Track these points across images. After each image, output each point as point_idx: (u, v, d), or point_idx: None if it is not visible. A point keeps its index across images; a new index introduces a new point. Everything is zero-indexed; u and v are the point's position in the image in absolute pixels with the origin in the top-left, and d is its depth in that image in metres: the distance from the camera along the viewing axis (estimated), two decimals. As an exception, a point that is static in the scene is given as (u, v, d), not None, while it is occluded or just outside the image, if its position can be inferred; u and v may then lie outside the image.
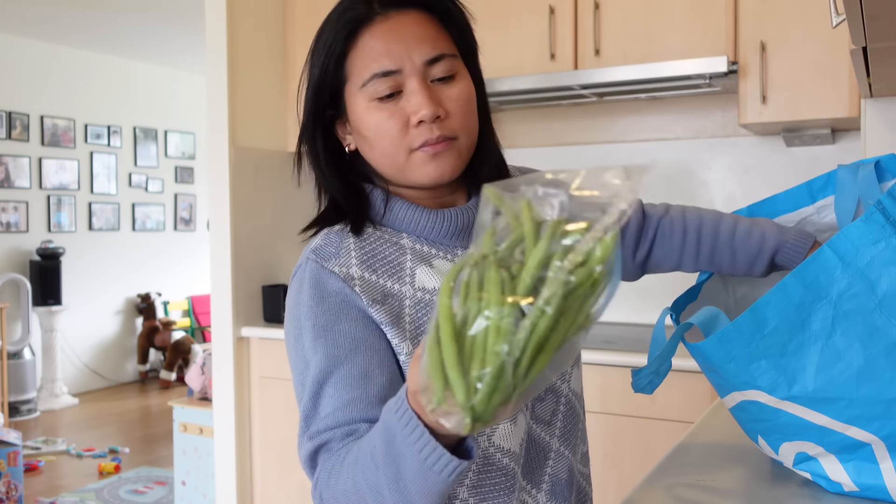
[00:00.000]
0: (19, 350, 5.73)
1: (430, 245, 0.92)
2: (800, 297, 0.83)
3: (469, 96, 0.89)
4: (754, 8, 2.24)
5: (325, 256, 0.88)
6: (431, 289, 0.89)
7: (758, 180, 2.58)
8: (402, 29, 0.86)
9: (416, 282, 0.89)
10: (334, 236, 0.90)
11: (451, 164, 0.88)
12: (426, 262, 0.90)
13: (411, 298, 0.88)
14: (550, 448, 0.94)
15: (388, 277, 0.88)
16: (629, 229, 1.10)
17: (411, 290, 0.88)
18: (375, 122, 0.86)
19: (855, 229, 0.80)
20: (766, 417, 0.90)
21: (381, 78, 0.85)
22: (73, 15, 5.42)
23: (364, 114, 0.87)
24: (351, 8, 0.87)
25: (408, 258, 0.90)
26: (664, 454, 1.15)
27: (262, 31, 3.00)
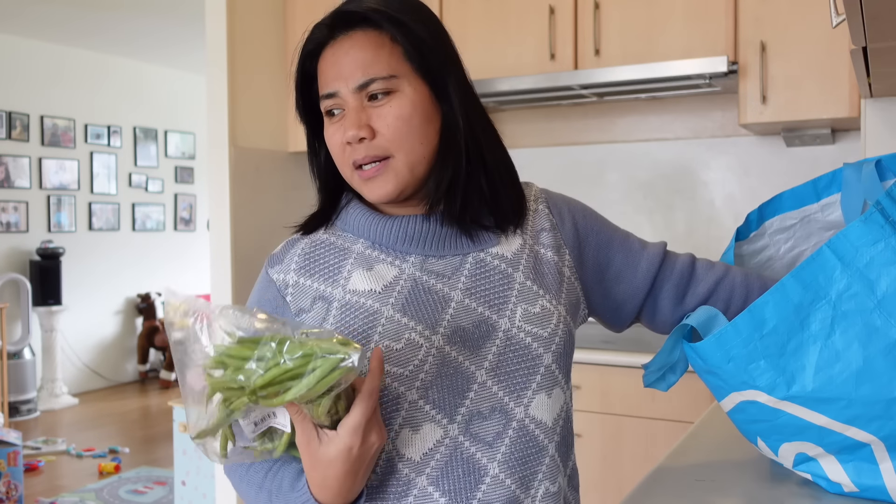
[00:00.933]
0: (19, 350, 5.73)
1: (381, 250, 0.95)
2: (799, 298, 0.83)
3: (401, 113, 0.90)
4: (754, 8, 2.24)
5: (272, 262, 0.98)
6: (362, 291, 0.92)
7: (758, 180, 2.58)
8: (340, 54, 0.92)
9: (348, 284, 0.93)
10: (289, 243, 1.00)
11: (387, 186, 0.91)
12: (367, 265, 0.94)
13: (339, 300, 0.92)
14: (486, 472, 0.88)
15: (322, 281, 0.94)
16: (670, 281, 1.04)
17: (342, 292, 0.92)
18: (327, 136, 0.95)
19: (854, 230, 0.80)
20: (765, 418, 0.90)
21: (325, 99, 0.93)
22: (73, 15, 5.42)
23: (326, 128, 0.95)
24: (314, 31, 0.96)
25: (349, 262, 0.95)
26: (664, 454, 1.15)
27: (262, 31, 3.00)
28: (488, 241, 0.96)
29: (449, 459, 0.88)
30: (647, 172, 2.78)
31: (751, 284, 1.05)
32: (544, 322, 0.94)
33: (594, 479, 2.25)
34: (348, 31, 0.92)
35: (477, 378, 0.89)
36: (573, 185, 2.87)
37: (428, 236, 0.94)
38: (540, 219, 1.01)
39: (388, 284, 0.92)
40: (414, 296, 0.91)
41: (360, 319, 0.89)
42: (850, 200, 1.05)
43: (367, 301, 0.90)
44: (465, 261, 0.95)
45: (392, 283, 0.92)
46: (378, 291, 0.91)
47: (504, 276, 0.95)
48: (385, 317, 0.89)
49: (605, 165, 2.84)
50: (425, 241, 0.94)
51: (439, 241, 0.95)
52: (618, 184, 2.82)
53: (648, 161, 2.77)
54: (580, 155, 2.88)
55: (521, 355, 0.92)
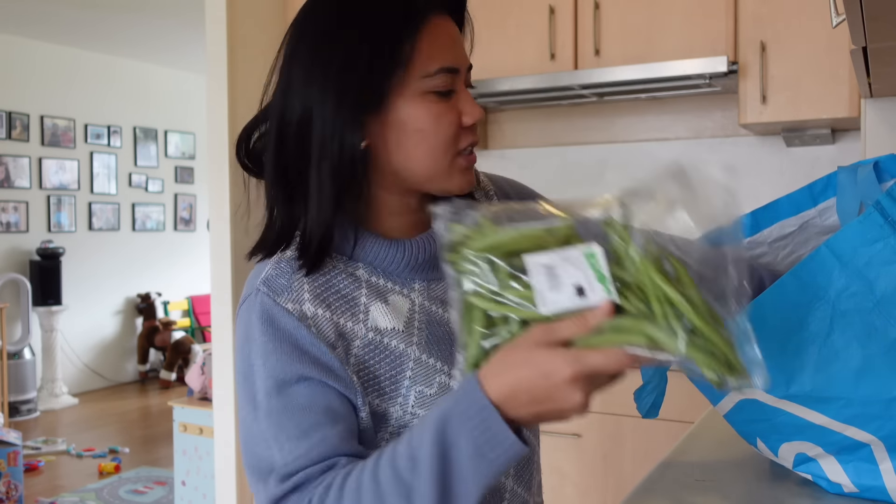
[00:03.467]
0: (19, 350, 5.73)
1: (387, 278, 0.85)
2: (797, 297, 0.83)
3: None
4: (754, 8, 2.24)
5: (276, 290, 0.80)
6: (384, 329, 0.81)
7: (758, 180, 2.58)
8: (455, 32, 0.83)
9: (369, 320, 0.81)
10: (285, 265, 0.82)
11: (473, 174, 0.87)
12: (381, 297, 0.83)
13: (362, 339, 0.81)
14: (505, 489, 0.89)
15: (342, 314, 0.80)
16: None
17: (363, 329, 0.81)
18: (434, 116, 0.80)
19: (852, 229, 0.80)
20: (764, 417, 0.90)
21: (447, 74, 0.80)
22: (73, 15, 5.42)
23: (419, 106, 0.80)
24: None
25: (363, 292, 0.83)
26: (664, 454, 1.15)
27: (262, 31, 3.00)
28: None
29: None
30: (647, 172, 2.77)
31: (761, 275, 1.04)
32: None
33: (594, 479, 2.25)
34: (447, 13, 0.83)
35: None
36: (573, 185, 2.87)
37: (432, 259, 0.86)
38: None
39: (408, 321, 0.83)
40: (432, 332, 0.84)
41: (386, 363, 0.81)
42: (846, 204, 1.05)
43: (392, 341, 0.81)
44: None
45: (409, 318, 0.83)
46: (401, 330, 0.82)
47: None
48: (413, 359, 0.82)
49: (605, 165, 2.84)
50: (430, 265, 0.86)
51: (437, 263, 0.83)
52: (618, 184, 2.82)
53: (648, 161, 2.77)
54: (580, 155, 2.88)
55: None
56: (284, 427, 0.75)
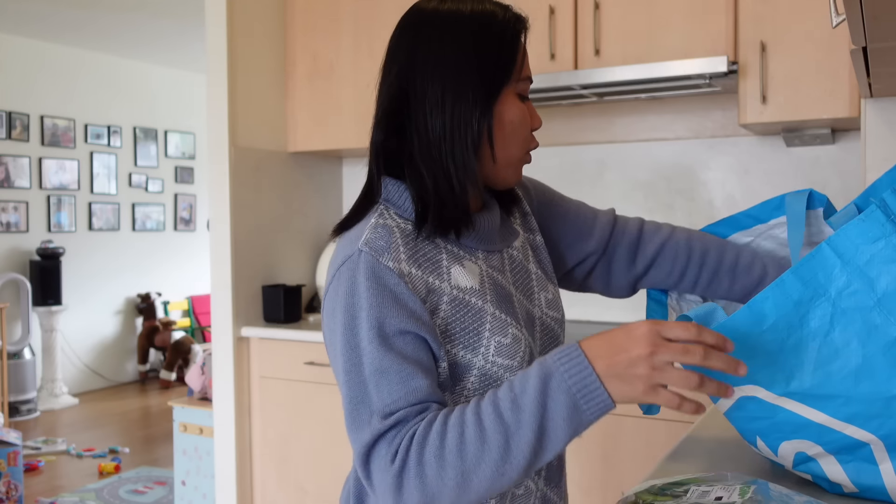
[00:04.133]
0: (19, 350, 5.73)
1: (459, 247, 0.97)
2: (798, 294, 0.83)
3: None
4: (754, 8, 2.25)
5: (378, 250, 0.90)
6: (465, 287, 0.94)
7: (758, 180, 2.58)
8: None
9: (452, 279, 0.93)
10: (382, 230, 0.92)
11: None
12: (458, 261, 0.96)
13: (448, 295, 0.92)
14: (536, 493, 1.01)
15: (430, 273, 0.92)
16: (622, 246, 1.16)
17: (448, 286, 0.93)
18: (520, 115, 0.96)
19: (854, 227, 0.80)
20: (764, 415, 0.90)
21: (528, 82, 0.98)
22: (73, 15, 5.42)
23: (513, 107, 0.96)
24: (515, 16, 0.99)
25: (444, 256, 0.95)
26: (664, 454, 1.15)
27: (262, 31, 3.00)
28: (513, 235, 1.06)
29: None
30: (647, 172, 2.78)
31: (693, 245, 1.15)
32: (558, 305, 1.08)
33: (594, 479, 2.25)
34: None
35: None
36: (573, 185, 2.87)
37: (490, 233, 1.00)
38: (522, 204, 1.12)
39: (481, 281, 0.96)
40: (497, 292, 0.97)
41: (469, 317, 0.93)
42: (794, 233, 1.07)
43: (472, 298, 0.93)
44: (503, 257, 1.03)
45: (482, 279, 0.96)
46: (477, 289, 0.94)
47: (523, 268, 1.05)
48: (489, 314, 0.94)
49: (604, 165, 2.84)
50: (488, 237, 1.00)
51: (493, 237, 1.01)
52: (618, 184, 2.82)
53: (648, 161, 2.78)
54: (580, 155, 2.88)
55: (551, 338, 1.05)
56: (386, 373, 0.85)
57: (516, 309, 0.99)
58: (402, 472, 0.81)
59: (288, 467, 2.86)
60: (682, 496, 0.84)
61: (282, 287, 2.92)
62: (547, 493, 1.04)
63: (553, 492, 1.05)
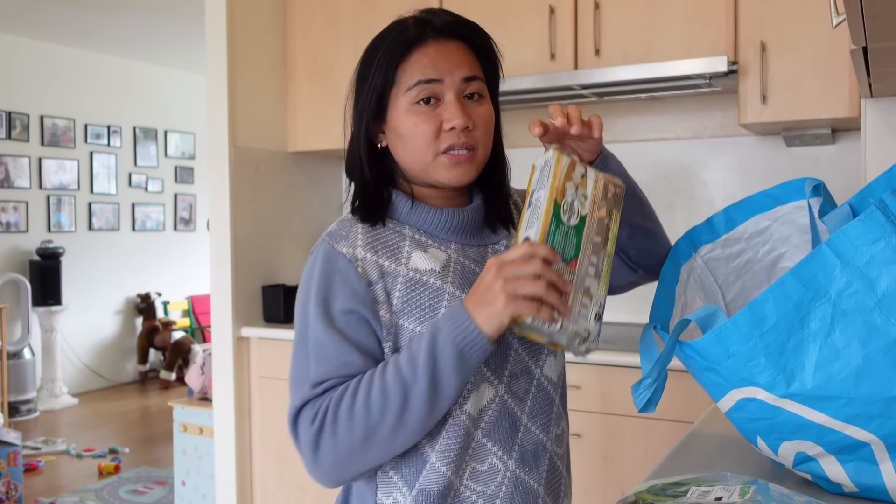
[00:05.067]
0: (19, 350, 5.73)
1: (427, 236, 1.08)
2: (798, 295, 0.83)
3: (491, 117, 1.08)
4: (754, 8, 2.24)
5: (336, 238, 1.04)
6: (423, 269, 1.03)
7: (758, 180, 2.58)
8: (447, 51, 1.04)
9: (410, 263, 1.04)
10: (346, 223, 1.07)
11: (470, 171, 1.05)
12: (422, 248, 1.06)
13: (404, 276, 1.03)
14: (520, 422, 1.06)
15: (387, 258, 1.03)
16: None
17: (405, 269, 1.03)
18: (414, 122, 1.03)
19: (854, 228, 0.80)
20: (765, 416, 0.90)
21: (424, 85, 1.02)
22: (73, 15, 5.42)
23: (404, 115, 1.03)
24: (410, 28, 1.05)
25: (406, 243, 1.06)
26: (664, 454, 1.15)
27: (262, 31, 3.00)
28: (500, 235, 1.13)
29: (500, 415, 1.04)
30: (647, 172, 2.78)
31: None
32: None
33: (594, 478, 2.25)
34: (449, 38, 1.05)
35: (512, 345, 1.07)
36: (573, 185, 2.87)
37: (466, 227, 1.09)
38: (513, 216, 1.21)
39: (444, 266, 1.05)
40: (465, 276, 1.05)
41: (425, 295, 1.02)
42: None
43: (430, 279, 1.03)
44: (487, 251, 1.11)
45: (446, 264, 1.05)
46: (438, 271, 1.04)
47: None
48: (448, 293, 1.02)
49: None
50: (464, 230, 1.09)
51: (473, 232, 1.10)
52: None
53: (648, 161, 2.77)
54: (580, 155, 2.88)
55: None
56: (324, 347, 0.98)
57: None
58: (319, 432, 0.95)
59: (288, 467, 2.86)
60: (682, 496, 0.84)
61: (282, 287, 2.92)
62: (521, 476, 1.05)
63: (530, 476, 1.05)
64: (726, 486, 0.85)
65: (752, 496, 0.81)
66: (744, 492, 0.82)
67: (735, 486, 0.84)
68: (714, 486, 0.86)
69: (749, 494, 0.81)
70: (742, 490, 0.82)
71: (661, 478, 0.94)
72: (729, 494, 0.82)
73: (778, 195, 1.15)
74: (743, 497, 0.81)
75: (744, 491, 0.82)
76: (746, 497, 0.81)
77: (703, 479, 0.89)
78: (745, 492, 0.82)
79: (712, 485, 0.86)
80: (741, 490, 0.83)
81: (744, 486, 0.84)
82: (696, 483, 0.88)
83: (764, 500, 0.80)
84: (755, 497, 0.81)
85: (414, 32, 1.04)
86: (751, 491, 0.82)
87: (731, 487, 0.84)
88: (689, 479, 0.90)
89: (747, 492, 0.82)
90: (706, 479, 0.88)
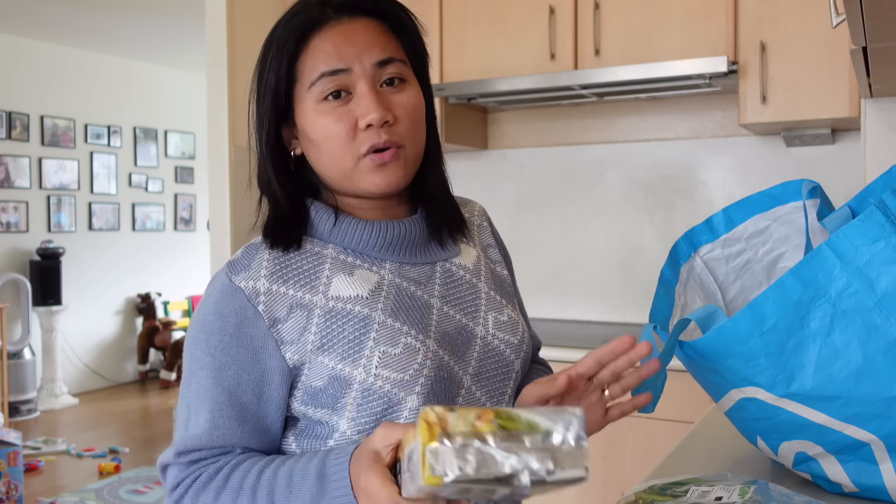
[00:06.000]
0: (19, 350, 5.73)
1: (356, 256, 0.91)
2: (798, 295, 0.83)
3: (418, 104, 0.90)
4: (754, 8, 2.25)
5: (236, 269, 0.87)
6: (346, 297, 0.87)
7: (758, 180, 2.58)
8: (353, 33, 0.87)
9: (330, 290, 0.87)
10: (252, 248, 0.90)
11: (398, 173, 0.88)
12: (346, 271, 0.89)
13: (322, 308, 0.86)
14: (461, 385, 0.90)
15: (300, 288, 0.87)
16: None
17: (323, 299, 0.86)
18: (323, 124, 0.86)
19: (854, 228, 0.80)
20: (765, 416, 0.90)
21: (329, 77, 0.85)
22: (74, 15, 5.42)
23: (312, 116, 0.87)
24: (303, 11, 0.88)
25: (326, 268, 0.89)
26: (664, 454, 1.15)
27: (263, 32, 2.98)
28: (451, 251, 0.97)
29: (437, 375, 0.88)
30: (647, 172, 2.78)
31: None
32: (513, 329, 0.97)
33: (594, 479, 2.25)
34: (353, 16, 0.88)
35: (464, 383, 0.91)
36: (573, 185, 2.87)
37: (405, 243, 0.92)
38: (485, 235, 1.06)
39: (374, 290, 0.88)
40: (400, 301, 0.89)
41: (349, 327, 0.85)
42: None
43: (356, 307, 0.86)
44: (434, 269, 0.95)
45: (376, 288, 0.88)
46: (365, 297, 0.87)
47: (471, 285, 0.97)
48: (378, 322, 0.86)
49: (604, 165, 2.84)
50: (402, 247, 0.92)
51: (414, 249, 0.93)
52: (618, 184, 2.82)
53: (648, 161, 2.77)
54: (580, 155, 2.88)
55: (497, 362, 0.95)
56: (203, 404, 0.84)
57: (428, 321, 0.90)
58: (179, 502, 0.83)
59: (288, 467, 2.86)
60: (682, 496, 0.84)
61: (282, 287, 2.92)
62: None
63: None
64: (726, 486, 0.84)
65: (752, 496, 0.81)
66: (744, 492, 0.82)
67: (735, 486, 0.84)
68: (714, 486, 0.86)
69: (749, 494, 0.81)
70: (742, 490, 0.82)
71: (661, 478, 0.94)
72: (729, 494, 0.82)
73: (777, 195, 1.16)
74: (743, 497, 0.81)
75: (744, 491, 0.82)
76: (746, 497, 0.81)
77: (703, 479, 0.89)
78: (745, 492, 0.82)
79: (712, 485, 0.86)
80: (741, 490, 0.82)
81: (744, 486, 0.84)
82: (696, 483, 0.88)
83: (764, 500, 0.80)
84: (755, 497, 0.80)
85: (309, 15, 0.87)
86: (751, 491, 0.82)
87: (731, 487, 0.84)
88: (689, 479, 0.89)
89: (747, 492, 0.82)
90: (706, 479, 0.88)
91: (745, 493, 0.82)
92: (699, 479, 0.89)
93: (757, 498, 0.80)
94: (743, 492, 0.82)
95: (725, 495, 0.82)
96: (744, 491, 0.82)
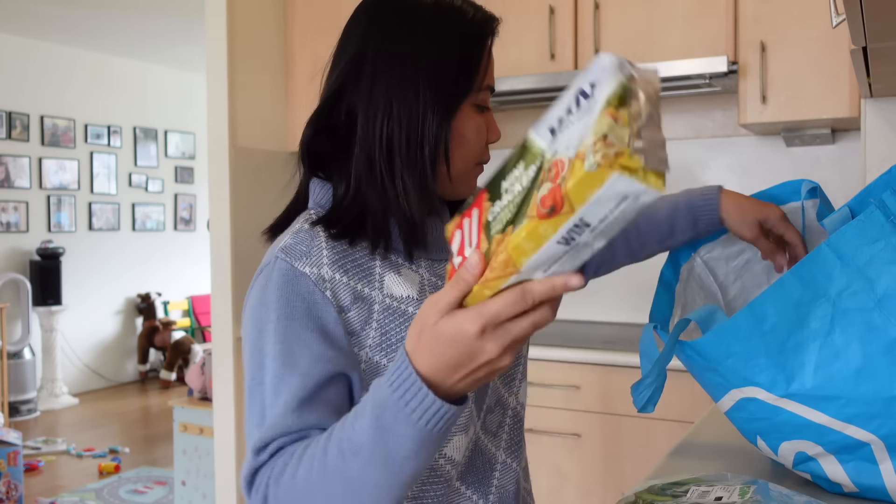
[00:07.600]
0: (19, 350, 5.73)
1: (398, 255, 0.89)
2: (798, 295, 0.83)
3: None
4: (754, 8, 2.25)
5: (295, 256, 0.83)
6: (399, 297, 0.86)
7: (758, 180, 2.58)
8: None
9: (384, 287, 0.86)
10: (304, 235, 0.85)
11: None
12: (394, 269, 0.87)
13: (380, 304, 0.85)
14: (497, 459, 0.95)
15: (359, 280, 0.84)
16: None
17: (381, 295, 0.85)
18: (476, 126, 0.88)
19: (854, 228, 0.80)
20: (765, 416, 0.90)
21: (488, 92, 0.90)
22: (74, 15, 5.42)
23: (469, 120, 0.88)
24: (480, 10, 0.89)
25: (377, 263, 0.87)
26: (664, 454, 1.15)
27: (262, 31, 3.00)
28: None
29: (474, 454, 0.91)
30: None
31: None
32: None
33: (594, 479, 2.25)
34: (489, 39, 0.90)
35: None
36: (573, 185, 2.87)
37: (437, 240, 0.91)
38: None
39: (420, 291, 0.88)
40: None
41: (404, 327, 0.85)
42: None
43: (409, 308, 0.86)
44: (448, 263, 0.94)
45: (421, 289, 0.88)
46: (415, 298, 0.87)
47: None
48: None
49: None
50: (434, 246, 0.91)
51: (440, 245, 0.92)
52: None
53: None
54: (580, 155, 2.88)
55: None
56: (279, 395, 0.78)
57: None
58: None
59: (288, 467, 2.86)
60: (682, 496, 0.84)
61: (282, 287, 2.92)
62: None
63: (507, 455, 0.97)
64: (726, 486, 0.84)
65: (752, 496, 0.81)
66: (744, 492, 0.82)
67: (735, 486, 0.84)
68: (714, 486, 0.86)
69: (749, 494, 0.81)
70: (742, 490, 0.82)
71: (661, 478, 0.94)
72: (729, 494, 0.82)
73: (777, 195, 1.16)
74: (743, 497, 0.81)
75: (744, 491, 0.82)
76: (746, 497, 0.81)
77: (703, 479, 0.89)
78: (745, 492, 0.82)
79: (712, 485, 0.86)
80: (741, 490, 0.83)
81: (744, 486, 0.84)
82: (696, 483, 0.88)
83: (764, 500, 0.80)
84: (755, 497, 0.81)
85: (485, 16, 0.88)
86: (751, 491, 0.82)
87: (731, 487, 0.84)
88: (689, 479, 0.89)
89: (747, 492, 0.82)
90: (706, 479, 0.88)
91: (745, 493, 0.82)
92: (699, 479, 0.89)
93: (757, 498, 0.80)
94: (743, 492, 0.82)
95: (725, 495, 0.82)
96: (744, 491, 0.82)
